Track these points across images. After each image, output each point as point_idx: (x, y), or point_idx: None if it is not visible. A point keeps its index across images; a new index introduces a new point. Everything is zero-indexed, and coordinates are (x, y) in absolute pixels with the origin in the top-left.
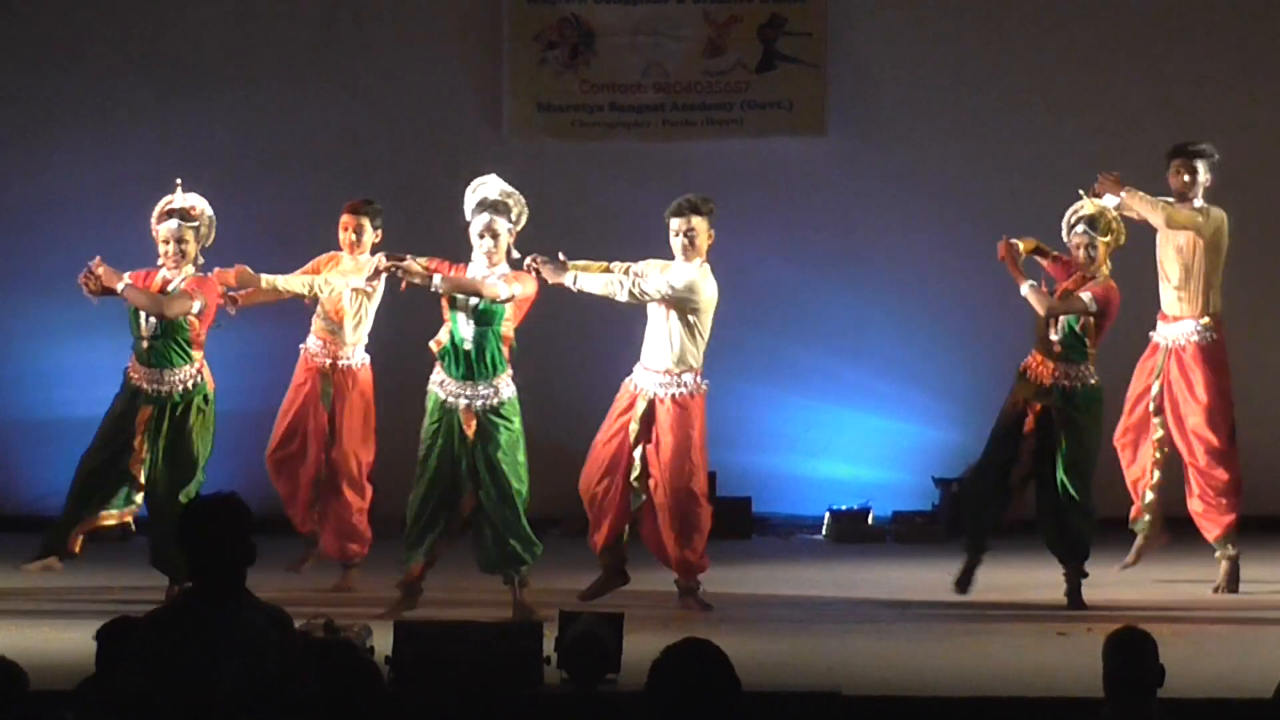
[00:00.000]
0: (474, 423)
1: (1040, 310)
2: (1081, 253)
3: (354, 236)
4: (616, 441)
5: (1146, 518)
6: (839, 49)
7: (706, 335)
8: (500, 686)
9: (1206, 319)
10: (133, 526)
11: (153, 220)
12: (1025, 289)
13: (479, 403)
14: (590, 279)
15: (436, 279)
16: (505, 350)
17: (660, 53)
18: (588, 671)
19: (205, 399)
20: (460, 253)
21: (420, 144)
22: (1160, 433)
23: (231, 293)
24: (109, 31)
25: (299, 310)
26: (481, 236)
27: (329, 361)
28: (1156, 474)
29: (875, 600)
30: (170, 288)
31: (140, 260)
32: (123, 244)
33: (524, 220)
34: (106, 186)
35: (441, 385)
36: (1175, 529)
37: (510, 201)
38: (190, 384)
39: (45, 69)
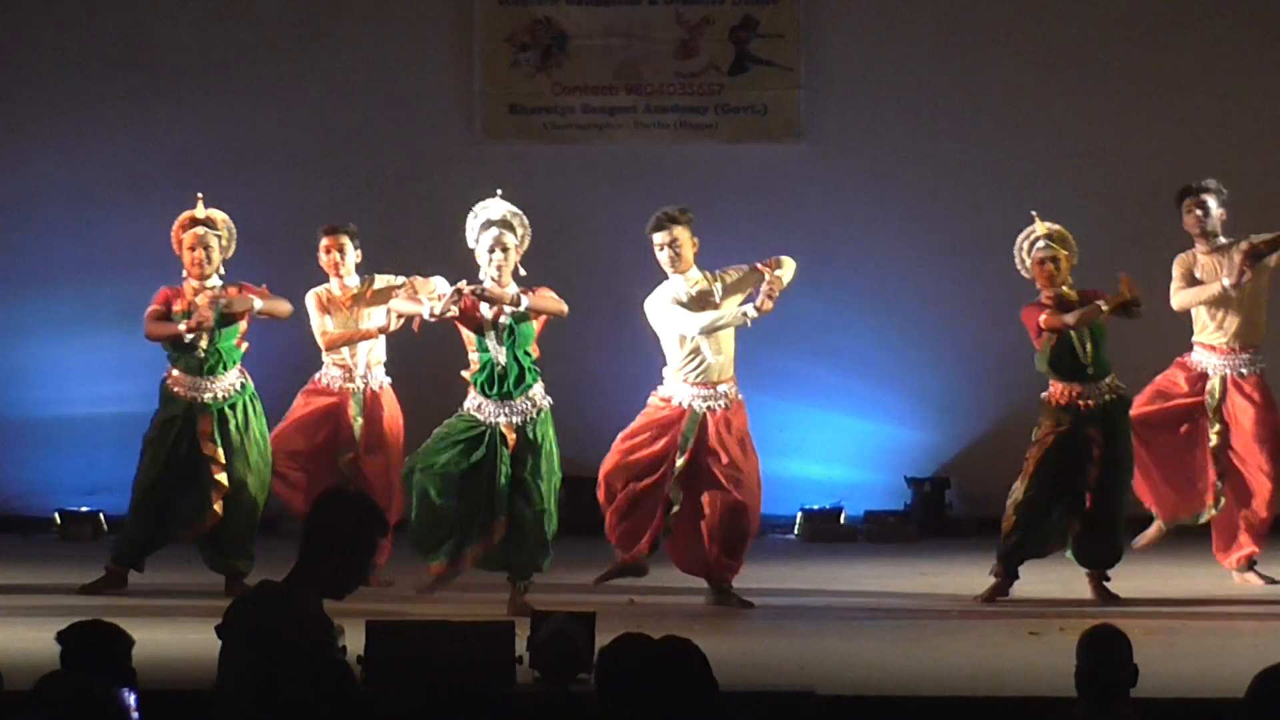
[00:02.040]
0: (514, 437)
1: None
2: (1048, 266)
3: (338, 258)
4: (655, 450)
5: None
6: (812, 52)
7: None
8: (472, 686)
9: (1257, 349)
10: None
11: (175, 231)
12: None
13: (518, 418)
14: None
15: (525, 300)
16: (535, 365)
17: (632, 55)
18: (560, 671)
19: (254, 396)
20: (431, 253)
21: (393, 146)
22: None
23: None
24: (86, 29)
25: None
26: (491, 251)
27: (363, 386)
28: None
29: (848, 600)
30: (210, 291)
31: (124, 259)
32: (99, 242)
33: (528, 241)
34: (83, 184)
35: (479, 409)
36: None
37: (515, 221)
38: (239, 385)
39: (23, 66)
